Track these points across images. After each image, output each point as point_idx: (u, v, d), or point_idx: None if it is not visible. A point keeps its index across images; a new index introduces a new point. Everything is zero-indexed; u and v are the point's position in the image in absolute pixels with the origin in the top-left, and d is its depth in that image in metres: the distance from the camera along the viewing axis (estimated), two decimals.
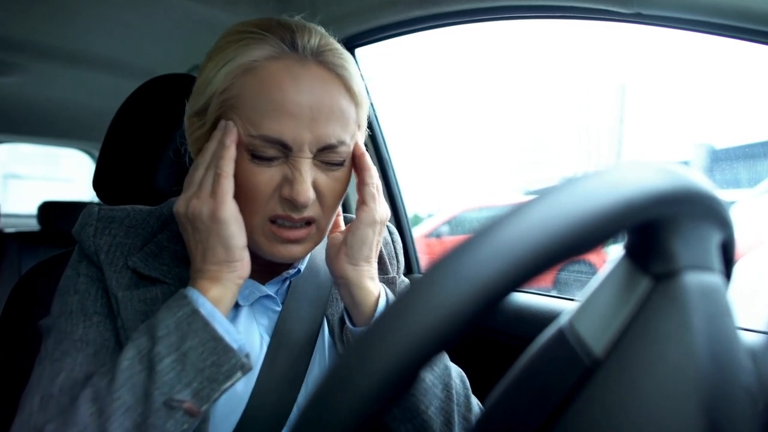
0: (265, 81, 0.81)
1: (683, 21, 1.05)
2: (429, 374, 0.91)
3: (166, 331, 0.75)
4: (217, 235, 0.81)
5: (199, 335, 0.76)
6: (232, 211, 0.82)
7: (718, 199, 0.44)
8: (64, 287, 0.89)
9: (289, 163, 0.83)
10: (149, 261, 0.90)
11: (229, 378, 0.76)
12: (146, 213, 0.96)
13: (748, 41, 1.01)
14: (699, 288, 0.42)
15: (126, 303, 0.85)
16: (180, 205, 0.84)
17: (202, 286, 0.81)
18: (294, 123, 0.80)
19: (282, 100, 0.80)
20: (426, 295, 0.35)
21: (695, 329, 0.40)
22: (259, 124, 0.80)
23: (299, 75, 0.82)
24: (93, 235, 0.89)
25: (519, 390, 0.49)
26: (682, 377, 0.39)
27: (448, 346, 0.35)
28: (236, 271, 0.83)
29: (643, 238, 0.43)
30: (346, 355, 0.37)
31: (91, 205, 0.94)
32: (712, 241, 0.44)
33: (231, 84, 0.82)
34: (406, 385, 0.35)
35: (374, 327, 0.36)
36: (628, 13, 1.09)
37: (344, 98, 0.86)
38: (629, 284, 0.44)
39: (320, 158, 0.85)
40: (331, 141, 0.83)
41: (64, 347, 0.81)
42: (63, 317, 0.85)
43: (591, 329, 0.45)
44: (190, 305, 0.77)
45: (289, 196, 0.82)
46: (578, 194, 0.38)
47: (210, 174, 0.83)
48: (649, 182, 0.39)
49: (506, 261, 0.35)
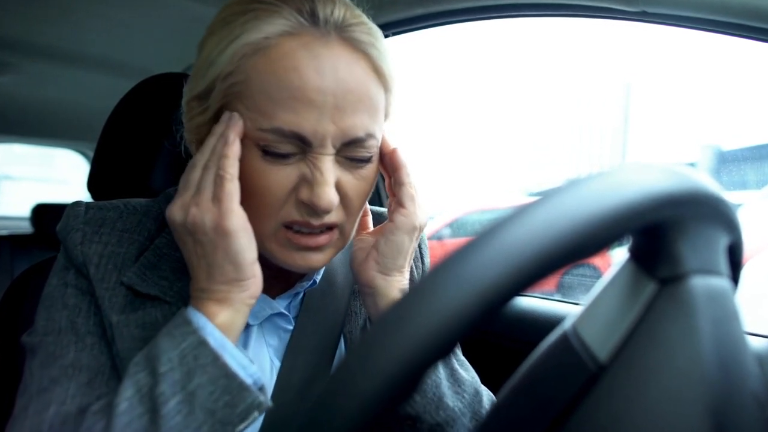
0: (278, 63, 0.69)
1: (689, 19, 1.05)
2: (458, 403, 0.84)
3: (170, 366, 0.65)
4: (224, 250, 0.70)
5: (208, 371, 0.66)
6: (240, 221, 0.71)
7: (725, 201, 0.44)
8: (49, 299, 0.79)
9: (307, 161, 0.72)
10: (147, 275, 0.79)
11: (244, 420, 0.67)
12: (141, 212, 0.85)
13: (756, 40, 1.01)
14: (706, 292, 0.42)
15: (121, 329, 0.76)
16: (175, 212, 0.73)
17: (208, 310, 0.71)
18: (314, 113, 0.69)
19: (300, 86, 0.68)
20: (427, 299, 0.35)
21: (702, 334, 0.40)
22: (272, 115, 0.69)
23: (320, 54, 0.69)
24: (80, 243, 0.79)
25: (522, 396, 0.49)
26: (688, 383, 0.39)
27: (449, 351, 0.35)
28: (247, 290, 0.73)
29: (649, 241, 0.43)
30: (348, 360, 0.37)
31: (78, 204, 0.83)
32: (718, 244, 0.44)
33: (237, 67, 0.70)
34: (409, 389, 0.36)
35: (375, 331, 0.36)
36: (633, 11, 1.10)
37: (373, 82, 0.74)
38: (634, 288, 0.44)
39: (345, 154, 0.74)
40: (359, 134, 0.72)
41: (53, 374, 0.72)
42: (50, 336, 0.75)
43: (595, 334, 0.45)
44: (195, 334, 0.68)
45: (308, 199, 0.71)
46: (582, 196, 0.38)
47: (210, 175, 0.72)
48: (655, 184, 0.39)
49: (509, 264, 0.35)
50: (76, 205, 0.82)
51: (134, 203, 0.86)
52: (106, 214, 0.82)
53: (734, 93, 11.42)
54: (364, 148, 0.74)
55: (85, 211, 0.82)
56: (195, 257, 0.73)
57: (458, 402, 0.83)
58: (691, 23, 1.07)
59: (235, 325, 0.72)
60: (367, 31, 0.74)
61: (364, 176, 0.77)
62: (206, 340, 0.67)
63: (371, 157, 0.77)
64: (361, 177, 0.76)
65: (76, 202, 0.83)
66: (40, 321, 0.77)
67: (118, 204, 0.85)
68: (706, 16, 1.02)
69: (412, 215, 0.81)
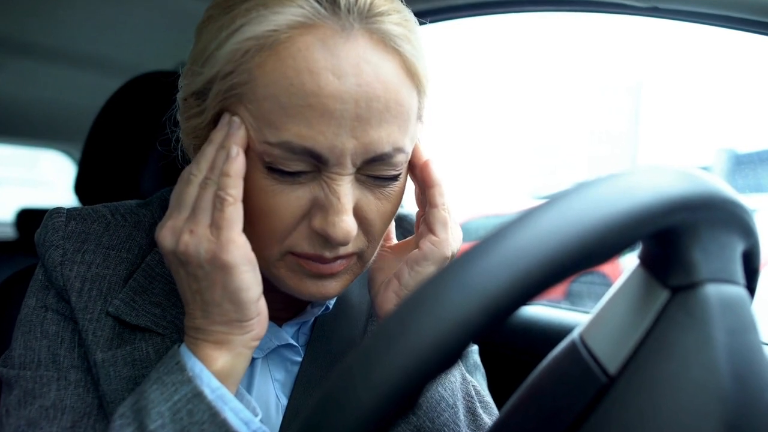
0: (289, 62, 0.59)
1: (702, 15, 1.05)
2: None
3: (160, 422, 0.58)
4: (223, 287, 0.62)
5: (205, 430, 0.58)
6: (242, 253, 0.62)
7: (740, 205, 0.44)
8: (26, 324, 0.71)
9: (321, 181, 0.62)
10: (136, 301, 0.71)
11: None
12: (131, 223, 0.77)
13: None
14: (720, 301, 0.42)
15: (108, 369, 0.68)
16: (165, 237, 0.64)
17: (204, 354, 0.63)
18: (332, 125, 0.59)
19: (315, 92, 0.58)
20: (430, 307, 0.35)
21: (716, 345, 0.40)
22: (280, 127, 0.59)
23: (341, 52, 0.59)
24: (60, 264, 0.71)
25: (529, 409, 0.49)
26: (702, 395, 0.39)
27: (452, 362, 0.35)
28: (250, 332, 0.65)
29: (661, 247, 0.43)
30: (344, 371, 0.37)
31: (58, 213, 0.75)
32: (734, 251, 0.44)
33: (239, 66, 0.60)
34: (410, 402, 0.35)
35: (374, 341, 0.36)
36: (644, 7, 1.10)
37: (405, 85, 0.63)
38: (645, 297, 0.44)
39: (366, 172, 0.65)
40: (384, 149, 0.62)
41: (31, 416, 0.65)
42: (29, 371, 0.68)
43: (605, 344, 0.45)
44: (190, 384, 0.60)
45: (322, 229, 0.62)
46: (591, 200, 0.38)
47: (208, 195, 0.62)
48: (667, 187, 0.39)
49: (515, 272, 0.35)
50: (55, 214, 0.75)
51: (123, 210, 0.79)
52: (90, 227, 0.75)
53: (750, 94, 11.44)
54: (390, 165, 0.65)
55: (66, 222, 0.74)
56: (189, 292, 0.64)
57: None
58: (705, 19, 1.07)
59: (236, 372, 0.64)
60: (400, 22, 0.63)
61: (388, 196, 0.68)
62: (202, 392, 0.60)
63: (398, 175, 0.67)
64: (386, 197, 0.67)
65: (56, 210, 0.75)
66: (17, 349, 0.70)
67: (105, 212, 0.77)
68: (720, 12, 1.02)
69: (443, 243, 0.71)
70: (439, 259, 0.71)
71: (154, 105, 1.10)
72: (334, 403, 0.36)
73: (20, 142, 4.23)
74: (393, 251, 0.79)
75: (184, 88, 0.69)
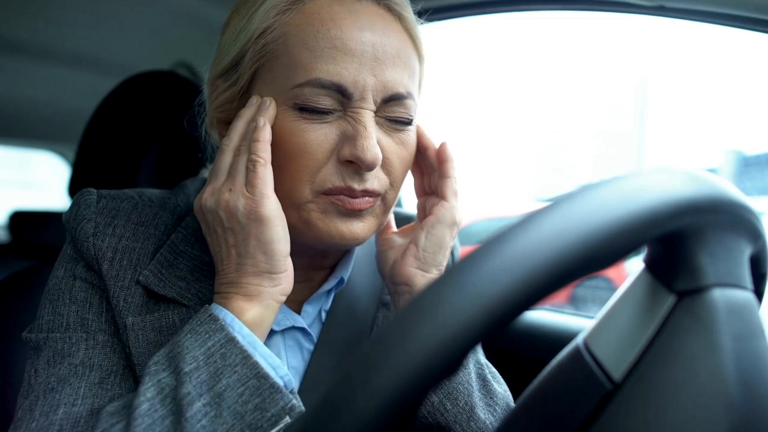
0: (316, 15, 0.72)
1: (709, 14, 1.06)
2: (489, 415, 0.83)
3: (195, 365, 0.65)
4: (257, 239, 0.71)
5: (237, 371, 0.65)
6: (275, 208, 0.72)
7: (748, 208, 0.44)
8: (55, 292, 0.77)
9: (347, 117, 0.73)
10: (163, 273, 0.79)
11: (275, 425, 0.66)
12: (158, 204, 0.85)
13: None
14: (727, 306, 0.42)
15: (137, 332, 0.75)
16: (206, 199, 0.74)
17: (236, 306, 0.71)
18: (354, 63, 0.71)
19: (339, 35, 0.71)
20: (431, 312, 0.35)
21: (723, 350, 0.40)
22: (310, 66, 0.71)
23: (357, 9, 0.74)
24: (93, 235, 0.78)
25: (533, 415, 0.49)
26: (709, 402, 0.39)
27: (454, 368, 0.35)
28: (279, 285, 0.73)
29: (666, 251, 0.43)
30: (345, 377, 0.37)
31: (89, 192, 0.83)
32: (741, 255, 0.44)
33: (273, 23, 0.73)
34: (411, 409, 0.35)
35: (375, 346, 0.36)
36: (650, 6, 1.10)
37: (408, 45, 0.77)
38: (651, 301, 0.44)
39: (385, 113, 0.76)
40: (399, 89, 0.74)
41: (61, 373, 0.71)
42: (57, 333, 0.74)
43: (609, 350, 0.45)
44: (223, 331, 0.67)
45: (352, 154, 0.72)
46: (596, 203, 0.38)
47: (242, 160, 0.74)
48: (673, 190, 0.39)
49: (518, 276, 0.35)
50: (86, 193, 0.82)
51: (149, 194, 0.86)
52: (120, 204, 0.82)
53: (758, 94, 11.38)
54: (405, 108, 0.76)
55: (97, 199, 0.81)
56: (225, 247, 0.73)
57: (489, 415, 0.83)
58: (712, 18, 1.07)
59: (265, 323, 0.72)
60: (399, 1, 0.78)
61: (404, 141, 0.78)
62: (235, 338, 0.67)
63: (411, 121, 0.79)
64: (402, 142, 0.78)
65: (86, 190, 0.83)
66: (44, 316, 0.76)
67: (132, 194, 0.85)
68: (726, 11, 1.03)
69: (455, 209, 0.83)
70: (450, 222, 0.83)
71: (148, 105, 1.10)
72: (333, 409, 0.36)
73: (12, 143, 4.24)
74: (398, 234, 0.88)
75: (210, 74, 0.81)
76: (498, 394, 0.87)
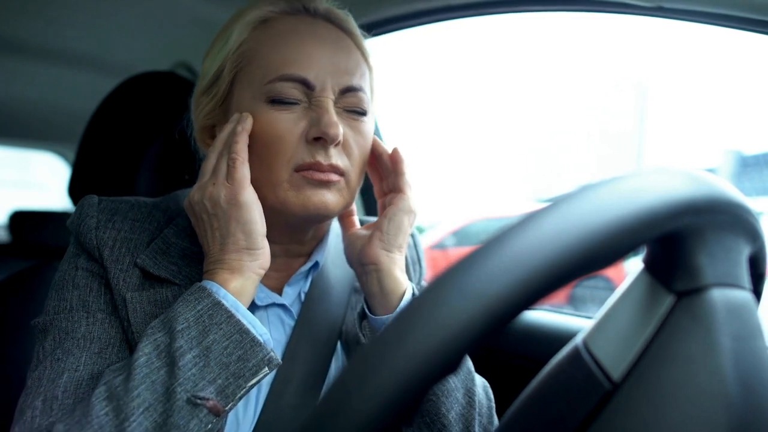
0: (282, 31, 0.89)
1: (708, 15, 1.06)
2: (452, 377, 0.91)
3: (186, 324, 0.76)
4: (237, 221, 0.83)
5: (222, 328, 0.77)
6: (252, 196, 0.85)
7: (746, 208, 0.44)
8: (60, 282, 0.89)
9: (312, 107, 0.87)
10: (158, 259, 0.91)
11: (255, 374, 0.77)
12: (151, 206, 0.98)
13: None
14: (726, 306, 0.42)
15: (135, 305, 0.87)
16: (193, 194, 0.87)
17: (221, 278, 0.82)
18: (315, 63, 0.87)
19: (301, 44, 0.87)
20: (429, 312, 0.35)
21: (722, 350, 0.40)
22: (279, 66, 0.86)
23: (315, 28, 0.90)
24: (95, 228, 0.90)
25: (532, 415, 0.49)
26: (708, 402, 0.39)
27: (452, 370, 0.35)
28: (257, 259, 0.85)
29: (665, 251, 0.43)
30: (344, 378, 0.37)
31: (91, 197, 0.95)
32: (740, 255, 0.44)
33: (247, 37, 0.90)
34: (408, 410, 0.35)
35: (374, 347, 0.36)
36: (649, 6, 1.10)
37: (359, 56, 0.93)
38: (650, 302, 0.44)
39: (343, 104, 0.90)
40: (353, 82, 0.89)
41: (65, 346, 0.82)
42: (62, 314, 0.85)
43: (608, 350, 0.45)
44: (210, 297, 0.79)
45: (319, 131, 0.85)
46: (595, 203, 0.38)
47: (223, 161, 0.87)
48: (672, 190, 0.39)
49: (517, 276, 0.35)
50: (89, 197, 0.95)
51: (143, 200, 0.99)
52: (118, 205, 0.94)
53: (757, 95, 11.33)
54: (359, 99, 0.91)
55: (99, 201, 0.94)
56: (210, 231, 0.85)
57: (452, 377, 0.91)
58: (711, 19, 1.07)
59: (247, 292, 0.83)
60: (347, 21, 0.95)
61: (360, 130, 0.92)
62: (220, 302, 0.78)
63: (366, 113, 0.93)
64: (359, 130, 0.92)
65: (89, 196, 0.95)
66: (51, 303, 0.87)
67: (129, 199, 0.98)
68: (725, 12, 1.02)
69: (410, 199, 0.96)
70: (408, 209, 0.95)
71: (148, 106, 1.10)
72: (331, 412, 0.36)
73: (12, 143, 4.23)
74: (362, 229, 1.01)
75: (195, 94, 0.95)
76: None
